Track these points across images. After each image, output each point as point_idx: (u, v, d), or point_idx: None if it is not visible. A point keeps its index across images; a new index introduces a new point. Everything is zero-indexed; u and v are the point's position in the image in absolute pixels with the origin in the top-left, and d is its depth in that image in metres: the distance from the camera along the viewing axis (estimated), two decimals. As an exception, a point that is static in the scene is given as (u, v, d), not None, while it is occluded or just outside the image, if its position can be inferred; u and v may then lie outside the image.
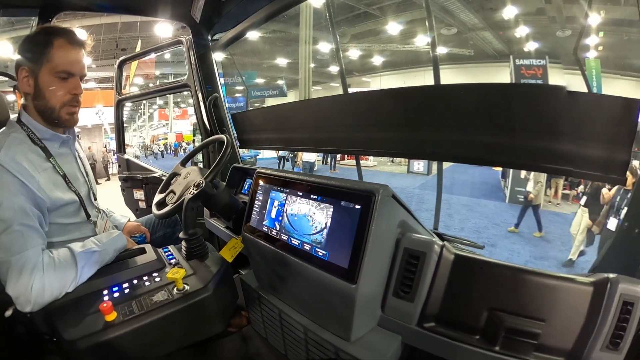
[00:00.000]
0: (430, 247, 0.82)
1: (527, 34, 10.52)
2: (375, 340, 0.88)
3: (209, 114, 2.03)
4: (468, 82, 4.56)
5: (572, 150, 0.85)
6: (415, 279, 0.83)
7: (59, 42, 0.99)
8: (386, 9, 11.65)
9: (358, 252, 0.78)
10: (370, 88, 15.59)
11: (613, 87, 9.47)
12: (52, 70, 0.99)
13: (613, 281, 0.67)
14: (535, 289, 0.74)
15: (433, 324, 0.84)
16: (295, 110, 1.82)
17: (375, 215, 0.77)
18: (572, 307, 0.71)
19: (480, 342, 0.78)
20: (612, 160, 0.79)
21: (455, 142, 1.12)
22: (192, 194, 1.18)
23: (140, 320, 0.92)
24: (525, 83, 8.02)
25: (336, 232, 0.84)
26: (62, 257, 0.94)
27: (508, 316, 0.75)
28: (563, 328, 0.72)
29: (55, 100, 1.01)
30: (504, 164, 1.11)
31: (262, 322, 1.21)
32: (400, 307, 0.85)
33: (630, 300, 0.66)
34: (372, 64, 16.02)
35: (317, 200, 0.90)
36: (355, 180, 0.94)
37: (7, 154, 0.92)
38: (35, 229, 0.92)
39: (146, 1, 1.58)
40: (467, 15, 10.92)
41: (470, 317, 0.80)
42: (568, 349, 0.72)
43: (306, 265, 0.88)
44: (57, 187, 1.01)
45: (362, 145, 1.47)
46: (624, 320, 0.66)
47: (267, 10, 1.60)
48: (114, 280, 1.02)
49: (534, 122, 0.92)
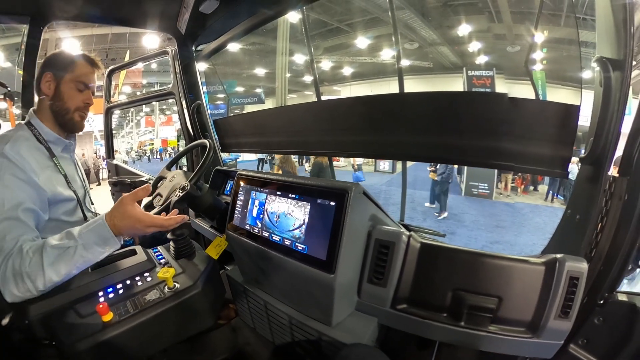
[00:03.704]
0: (398, 237, 0.83)
1: (479, 48, 10.99)
2: (354, 323, 0.88)
3: (192, 120, 1.98)
4: (428, 90, 4.70)
5: (521, 149, 0.88)
6: (386, 266, 0.84)
7: (81, 62, 1.09)
8: (355, 25, 11.80)
9: (334, 244, 0.78)
10: (341, 96, 15.78)
11: (556, 95, 10.12)
12: (73, 79, 1.06)
13: (560, 260, 0.71)
14: (493, 270, 0.77)
15: (405, 305, 0.85)
16: (273, 116, 1.81)
17: (349, 210, 0.77)
18: (528, 284, 0.74)
19: (447, 319, 0.81)
20: (556, 157, 0.83)
21: (415, 143, 1.14)
22: (178, 196, 1.15)
23: (136, 319, 0.87)
24: (476, 91, 8.37)
25: (313, 227, 0.83)
26: (32, 251, 0.80)
27: (470, 295, 0.78)
28: (522, 302, 0.75)
29: (71, 103, 1.07)
30: (459, 162, 1.15)
31: (249, 313, 1.19)
32: (375, 292, 0.86)
33: (575, 275, 0.70)
34: (342, 74, 16.14)
35: (295, 199, 0.89)
36: (329, 179, 0.93)
37: (13, 147, 0.92)
38: (19, 221, 0.84)
39: (135, 13, 1.53)
40: (427, 31, 11.24)
41: (437, 298, 0.82)
42: (528, 320, 0.75)
43: (287, 259, 0.87)
44: (58, 184, 1.01)
45: (334, 147, 1.47)
46: (571, 292, 0.70)
47: (246, 24, 1.59)
48: (107, 281, 0.96)
49: (486, 125, 0.95)
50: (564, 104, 0.78)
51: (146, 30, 6.39)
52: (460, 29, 10.32)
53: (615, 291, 0.76)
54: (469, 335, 0.78)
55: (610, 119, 0.73)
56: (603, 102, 0.74)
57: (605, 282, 0.75)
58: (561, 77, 10.08)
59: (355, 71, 15.74)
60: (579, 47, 3.46)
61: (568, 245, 0.84)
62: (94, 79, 1.13)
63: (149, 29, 1.89)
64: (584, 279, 0.70)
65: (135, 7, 1.46)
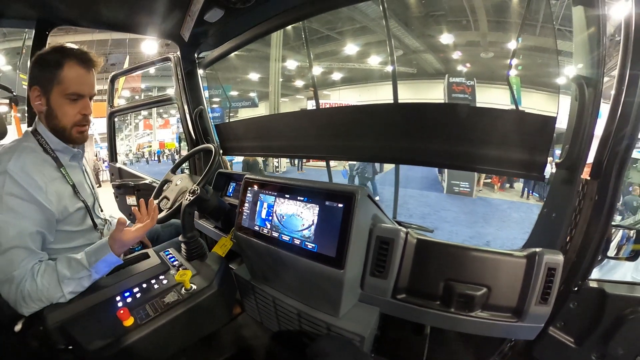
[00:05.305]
0: (397, 234, 0.87)
1: (460, 56, 11.19)
2: (359, 313, 0.91)
3: (194, 124, 1.96)
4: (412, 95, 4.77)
5: (502, 154, 0.94)
6: (387, 260, 0.87)
7: (70, 64, 0.89)
8: (345, 33, 11.86)
9: (343, 242, 0.81)
10: (331, 100, 15.81)
11: (530, 99, 10.42)
12: (62, 92, 0.90)
13: (539, 254, 0.76)
14: (481, 262, 0.82)
15: (404, 295, 0.89)
16: (274, 122, 1.82)
17: (357, 211, 0.80)
18: (512, 274, 0.79)
19: (440, 306, 0.85)
20: (534, 162, 0.88)
21: (406, 148, 1.18)
22: (189, 200, 1.15)
23: (156, 322, 0.87)
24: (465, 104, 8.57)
25: (323, 227, 0.86)
26: (46, 279, 0.82)
27: (460, 284, 0.82)
28: (507, 291, 0.80)
29: (66, 120, 0.93)
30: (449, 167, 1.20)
31: (256, 309, 1.20)
32: (377, 284, 0.89)
33: (552, 266, 0.75)
34: (332, 80, 16.16)
35: (304, 201, 0.91)
36: (335, 183, 0.96)
37: (17, 163, 0.83)
38: (27, 249, 0.82)
39: (140, 20, 1.50)
40: (410, 40, 11.38)
41: (431, 287, 0.86)
42: (513, 306, 0.80)
43: (297, 257, 0.89)
44: (65, 197, 0.93)
45: (331, 151, 1.50)
46: (549, 281, 0.76)
47: (249, 34, 1.59)
48: (124, 286, 0.95)
49: (472, 133, 0.99)
50: (542, 115, 0.84)
51: (150, 37, 6.22)
52: (442, 37, 10.50)
53: (587, 279, 0.83)
54: (459, 320, 0.82)
55: (584, 129, 0.79)
56: (578, 115, 0.80)
57: (578, 272, 0.82)
58: (535, 82, 10.37)
59: (345, 76, 15.78)
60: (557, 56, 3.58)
61: (546, 240, 0.89)
62: (89, 80, 0.93)
63: (153, 36, 1.85)
64: (560, 269, 0.75)
65: (140, 14, 1.44)
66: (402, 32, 10.78)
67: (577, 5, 0.82)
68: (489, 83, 10.63)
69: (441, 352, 1.09)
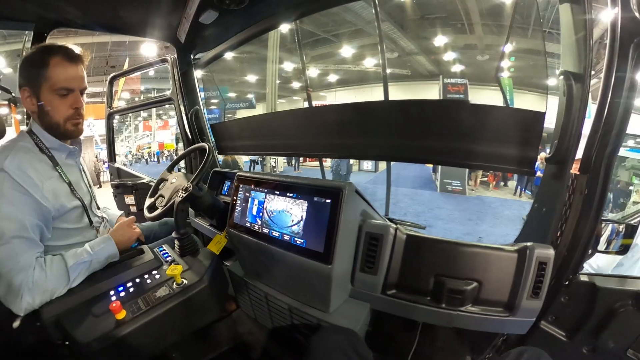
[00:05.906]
0: (386, 230, 0.85)
1: (454, 58, 11.21)
2: (349, 309, 0.90)
3: (190, 124, 1.95)
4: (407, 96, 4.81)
5: (493, 150, 0.92)
6: (376, 256, 0.86)
7: (55, 60, 0.88)
8: (341, 35, 11.84)
9: (331, 238, 0.79)
10: (327, 101, 15.79)
11: (522, 100, 10.45)
12: (51, 89, 0.89)
13: (530, 248, 0.75)
14: (472, 257, 0.80)
15: (394, 291, 0.87)
16: (268, 121, 1.81)
17: (344, 207, 0.79)
18: (503, 269, 0.78)
19: (430, 301, 0.84)
20: (524, 157, 0.87)
21: (398, 146, 1.17)
22: (182, 197, 1.13)
23: (148, 316, 0.86)
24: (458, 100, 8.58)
25: (311, 223, 0.84)
26: (55, 268, 0.84)
27: (450, 280, 0.80)
28: (498, 285, 0.78)
29: (58, 116, 0.92)
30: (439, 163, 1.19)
31: (250, 305, 1.18)
32: (367, 279, 0.88)
33: (543, 260, 0.74)
34: (328, 81, 16.16)
35: (293, 198, 0.89)
36: (324, 179, 0.94)
37: (13, 162, 0.83)
38: (30, 240, 0.82)
39: (138, 22, 1.49)
40: (405, 42, 11.38)
41: (421, 283, 0.85)
42: (504, 301, 0.78)
43: (287, 252, 0.88)
44: (62, 195, 0.92)
45: (323, 149, 1.49)
46: (540, 275, 0.74)
47: (242, 35, 1.59)
48: (118, 280, 0.95)
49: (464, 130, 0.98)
50: (532, 111, 0.82)
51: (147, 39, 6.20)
52: (436, 39, 10.51)
53: (578, 273, 0.81)
54: (450, 315, 0.81)
55: (572, 124, 0.77)
56: (566, 110, 0.78)
57: (569, 266, 0.80)
58: (527, 83, 10.41)
59: (340, 78, 15.79)
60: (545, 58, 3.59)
61: (537, 235, 0.88)
62: (77, 74, 0.92)
63: (150, 38, 1.84)
64: (551, 263, 0.74)
65: (138, 16, 1.43)
66: (398, 35, 10.79)
67: (563, 3, 0.81)
68: (483, 85, 10.65)
69: (434, 347, 1.08)
